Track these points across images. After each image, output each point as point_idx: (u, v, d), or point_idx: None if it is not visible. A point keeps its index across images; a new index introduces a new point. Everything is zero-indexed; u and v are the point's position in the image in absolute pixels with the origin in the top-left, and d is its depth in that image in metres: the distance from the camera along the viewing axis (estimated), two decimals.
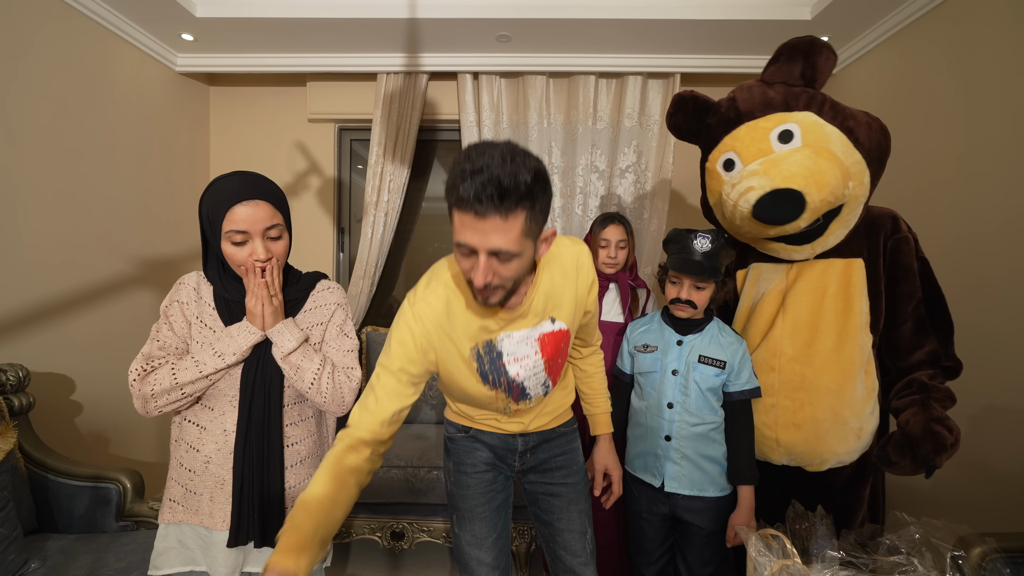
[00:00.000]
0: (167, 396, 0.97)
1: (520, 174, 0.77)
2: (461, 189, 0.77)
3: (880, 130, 1.30)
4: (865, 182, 1.27)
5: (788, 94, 1.30)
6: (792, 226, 1.23)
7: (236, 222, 0.96)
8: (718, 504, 1.36)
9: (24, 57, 1.80)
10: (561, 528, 1.23)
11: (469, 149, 0.80)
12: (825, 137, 1.24)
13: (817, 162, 1.18)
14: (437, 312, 0.99)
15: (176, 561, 1.05)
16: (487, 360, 1.05)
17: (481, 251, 0.82)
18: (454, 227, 0.84)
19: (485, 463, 1.23)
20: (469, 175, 0.77)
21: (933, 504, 1.90)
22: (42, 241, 1.87)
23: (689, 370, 1.35)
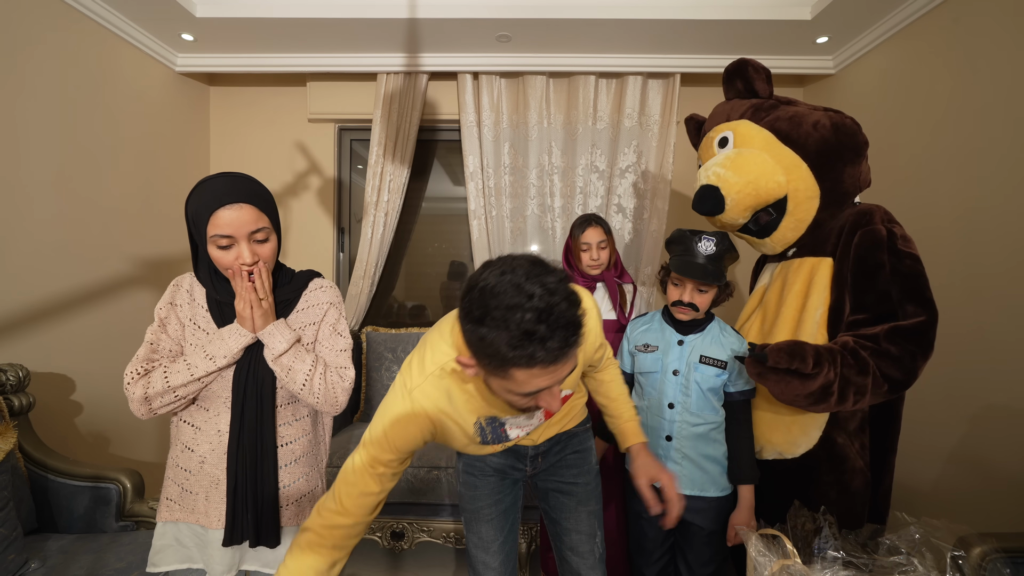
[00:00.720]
0: (161, 399, 0.97)
1: (571, 296, 0.71)
2: (540, 353, 0.69)
3: (831, 127, 1.34)
4: (804, 176, 1.34)
5: (733, 107, 1.50)
6: (728, 218, 1.39)
7: (220, 226, 0.95)
8: (719, 504, 1.36)
9: (24, 57, 1.80)
10: (568, 528, 1.21)
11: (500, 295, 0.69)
12: (751, 137, 1.40)
13: (736, 159, 1.36)
14: (436, 401, 0.93)
15: (174, 559, 1.05)
16: (489, 430, 1.03)
17: (555, 385, 0.77)
18: (512, 380, 0.74)
19: (495, 467, 1.21)
20: (539, 331, 0.68)
21: (933, 504, 1.90)
22: (42, 241, 1.87)
23: (690, 370, 1.35)
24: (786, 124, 1.37)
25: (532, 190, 2.66)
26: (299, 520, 1.08)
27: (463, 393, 0.94)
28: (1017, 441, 1.60)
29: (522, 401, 0.80)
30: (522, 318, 0.67)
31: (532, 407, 0.82)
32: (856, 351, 1.20)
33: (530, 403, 0.80)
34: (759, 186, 1.33)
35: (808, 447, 1.33)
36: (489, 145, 2.63)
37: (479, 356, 0.75)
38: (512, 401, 0.81)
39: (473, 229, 2.66)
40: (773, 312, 1.42)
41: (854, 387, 1.18)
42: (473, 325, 0.72)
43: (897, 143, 2.09)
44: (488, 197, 2.64)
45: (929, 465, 1.92)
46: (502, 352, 0.70)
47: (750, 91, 1.49)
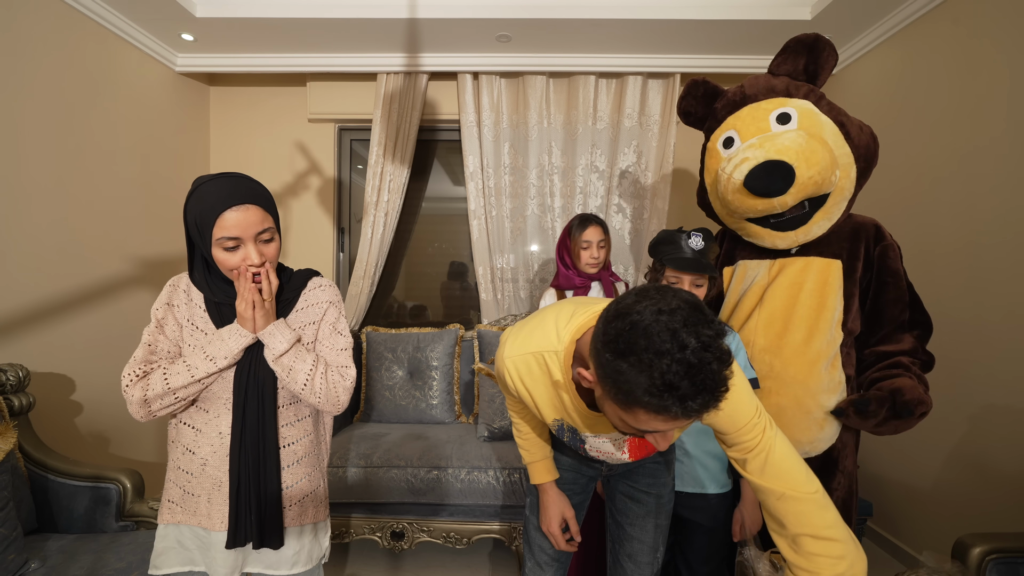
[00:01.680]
0: (160, 401, 0.96)
1: (724, 356, 0.65)
2: (676, 409, 0.64)
3: (870, 134, 1.37)
4: (851, 176, 1.35)
5: (790, 84, 1.40)
6: (780, 202, 1.29)
7: (227, 228, 0.94)
8: (718, 501, 1.36)
9: (24, 57, 1.80)
10: (632, 535, 1.18)
11: (652, 331, 0.64)
12: (819, 124, 1.33)
13: (810, 142, 1.27)
14: (524, 373, 0.95)
15: (175, 561, 1.05)
16: (568, 435, 1.02)
17: (673, 430, 0.73)
18: (632, 416, 0.70)
19: (570, 465, 1.23)
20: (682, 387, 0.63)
21: (933, 504, 1.90)
22: (42, 241, 1.87)
23: None
24: (847, 120, 1.34)
25: (532, 190, 2.66)
26: (302, 520, 1.08)
27: (547, 390, 0.94)
28: (1017, 441, 1.60)
29: (632, 431, 0.76)
30: (669, 368, 0.63)
31: (638, 434, 0.77)
32: (922, 376, 1.33)
33: (639, 434, 0.76)
34: (823, 177, 1.27)
35: (832, 441, 1.38)
36: (489, 145, 2.63)
37: (607, 384, 0.70)
38: (622, 428, 0.76)
39: (473, 229, 2.66)
40: (783, 311, 1.40)
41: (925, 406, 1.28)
42: (613, 356, 0.68)
43: (897, 143, 2.09)
44: (488, 197, 2.64)
45: (929, 465, 1.92)
46: (636, 394, 0.66)
47: (811, 75, 1.39)
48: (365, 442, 2.14)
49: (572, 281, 1.80)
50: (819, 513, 0.78)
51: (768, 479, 0.81)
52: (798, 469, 0.81)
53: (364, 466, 2.02)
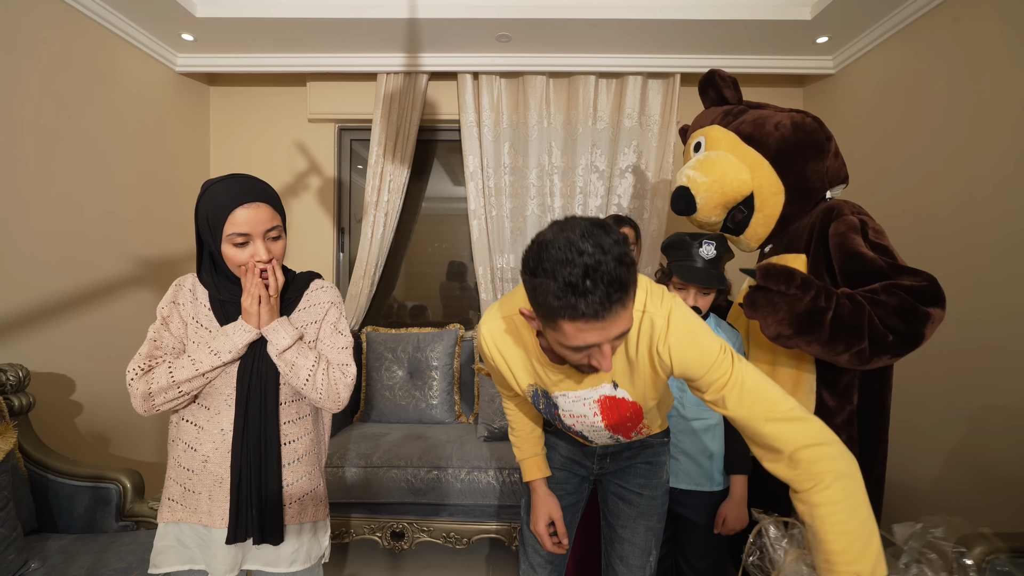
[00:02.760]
0: (164, 395, 0.98)
1: (622, 258, 0.71)
2: (582, 305, 0.70)
3: (790, 127, 1.42)
4: (766, 173, 1.43)
5: (706, 115, 1.63)
6: (702, 216, 1.49)
7: (238, 225, 0.98)
8: (715, 499, 1.37)
9: (24, 57, 1.80)
10: (623, 537, 1.18)
11: (556, 247, 0.72)
12: (719, 140, 1.51)
13: (704, 161, 1.48)
14: (498, 338, 1.01)
15: (175, 560, 1.05)
16: (543, 402, 1.05)
17: (605, 344, 0.77)
18: (562, 333, 0.76)
19: (562, 464, 1.23)
20: (583, 288, 0.69)
21: (933, 504, 1.90)
22: (42, 241, 1.87)
23: None
24: (749, 126, 1.48)
25: (532, 190, 2.66)
26: (301, 519, 1.08)
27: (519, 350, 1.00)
28: (1017, 441, 1.60)
29: (575, 356, 0.81)
30: (570, 272, 0.70)
31: (586, 365, 0.82)
32: (853, 296, 1.19)
33: (584, 360, 0.81)
34: (724, 183, 1.43)
35: None
36: (489, 145, 2.63)
37: (534, 306, 0.78)
38: (566, 356, 0.82)
39: (473, 229, 2.66)
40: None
41: (847, 327, 1.15)
42: (528, 276, 0.76)
43: (897, 143, 2.09)
44: (488, 197, 2.64)
45: (929, 465, 1.92)
46: (550, 302, 0.73)
47: (721, 99, 1.62)
48: (365, 442, 2.14)
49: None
50: (805, 425, 0.81)
51: (749, 407, 0.83)
52: (773, 390, 0.84)
53: (364, 466, 2.02)
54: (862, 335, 1.16)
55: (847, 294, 1.20)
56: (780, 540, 0.93)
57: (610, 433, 1.07)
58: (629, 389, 0.98)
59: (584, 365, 0.83)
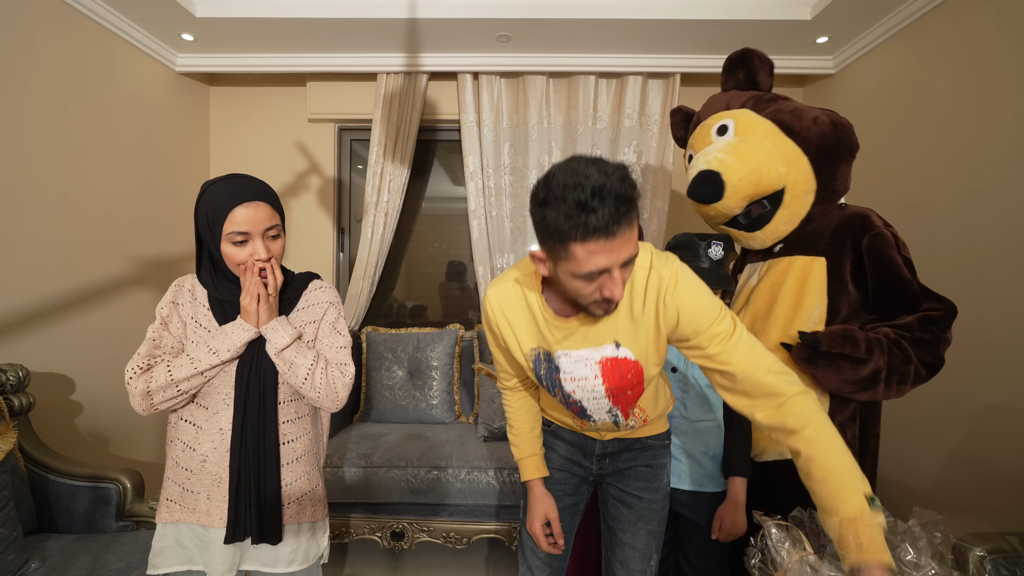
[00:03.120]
0: (163, 393, 0.98)
1: (626, 178, 0.76)
2: (592, 220, 0.74)
3: (830, 124, 1.37)
4: (803, 169, 1.35)
5: (732, 97, 1.49)
6: (724, 207, 1.37)
7: (237, 223, 0.99)
8: (717, 500, 1.36)
9: (24, 57, 1.80)
10: (624, 541, 1.17)
11: (563, 174, 0.77)
12: (753, 126, 1.39)
13: (738, 146, 1.35)
14: (503, 300, 1.04)
15: (174, 560, 1.05)
16: (544, 367, 1.04)
17: (615, 268, 0.81)
18: (574, 261, 0.79)
19: (560, 464, 1.22)
20: (592, 205, 0.74)
21: (933, 504, 1.90)
22: (42, 241, 1.87)
23: (689, 367, 1.36)
24: (788, 116, 1.38)
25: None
26: (300, 519, 1.08)
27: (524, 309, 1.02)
28: (1017, 441, 1.60)
29: (588, 289, 0.83)
30: (578, 195, 0.74)
31: (600, 302, 0.85)
32: (899, 342, 1.24)
33: (595, 294, 0.84)
34: (761, 175, 1.33)
35: None
36: (489, 145, 2.63)
37: (545, 239, 0.82)
38: (579, 292, 0.85)
39: (473, 229, 2.66)
40: (764, 311, 1.41)
41: (898, 376, 1.24)
42: (538, 207, 0.80)
43: (897, 143, 2.09)
44: (488, 197, 2.64)
45: (929, 465, 1.92)
46: (560, 226, 0.77)
47: (751, 82, 1.48)
48: (365, 442, 2.14)
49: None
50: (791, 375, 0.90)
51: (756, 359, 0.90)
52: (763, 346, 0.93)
53: (364, 466, 2.02)
54: (907, 380, 1.25)
55: (893, 340, 1.25)
56: (783, 542, 0.94)
57: (610, 404, 1.05)
58: (632, 347, 0.98)
59: (597, 303, 0.86)
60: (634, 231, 0.80)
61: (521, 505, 1.27)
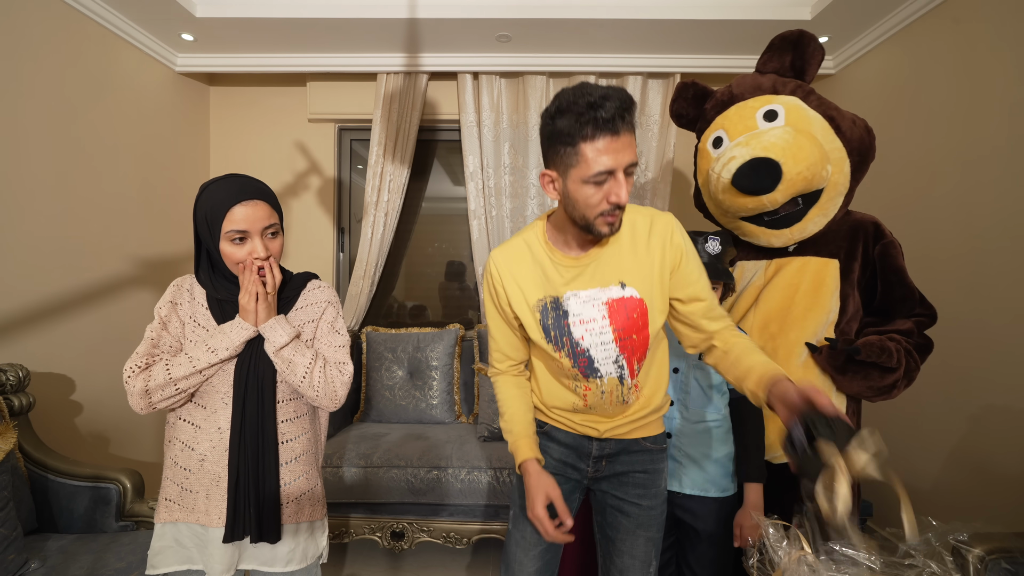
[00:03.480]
0: (161, 392, 0.98)
1: (629, 95, 0.88)
2: (601, 112, 0.85)
3: (864, 127, 1.36)
4: (845, 171, 1.33)
5: (777, 81, 1.40)
6: (769, 199, 1.28)
7: (236, 221, 0.99)
8: (720, 505, 1.35)
9: (24, 57, 1.80)
10: (622, 550, 1.14)
11: (570, 93, 0.89)
12: (807, 120, 1.32)
13: (797, 138, 1.26)
14: (509, 257, 1.08)
15: (173, 560, 1.05)
16: (551, 316, 1.05)
17: (619, 170, 0.89)
18: (583, 163, 0.89)
19: (554, 467, 1.17)
20: (601, 102, 0.85)
21: (933, 504, 1.90)
22: (42, 241, 1.87)
23: (689, 367, 1.35)
24: (836, 113, 1.33)
25: (532, 190, 2.65)
26: (298, 518, 1.08)
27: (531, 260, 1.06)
28: (1017, 441, 1.60)
29: (595, 197, 0.91)
30: (590, 100, 0.86)
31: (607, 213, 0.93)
32: (911, 351, 1.30)
33: (603, 203, 0.92)
34: (814, 172, 1.25)
35: None
36: (489, 145, 2.63)
37: (556, 149, 0.92)
38: (588, 199, 0.92)
39: (473, 229, 2.66)
40: (779, 311, 1.40)
41: (907, 381, 1.30)
42: (550, 120, 0.91)
43: (897, 143, 2.09)
44: (488, 197, 2.64)
45: (929, 465, 1.92)
46: (571, 128, 0.87)
47: (798, 71, 1.39)
48: (365, 442, 2.14)
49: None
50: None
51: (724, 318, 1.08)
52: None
53: (364, 466, 2.02)
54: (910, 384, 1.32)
55: (907, 350, 1.30)
56: (780, 541, 0.93)
57: (617, 352, 1.04)
58: (637, 285, 1.03)
59: (604, 215, 0.93)
60: (634, 140, 0.91)
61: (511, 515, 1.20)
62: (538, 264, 1.06)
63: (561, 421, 1.17)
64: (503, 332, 1.14)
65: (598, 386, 1.08)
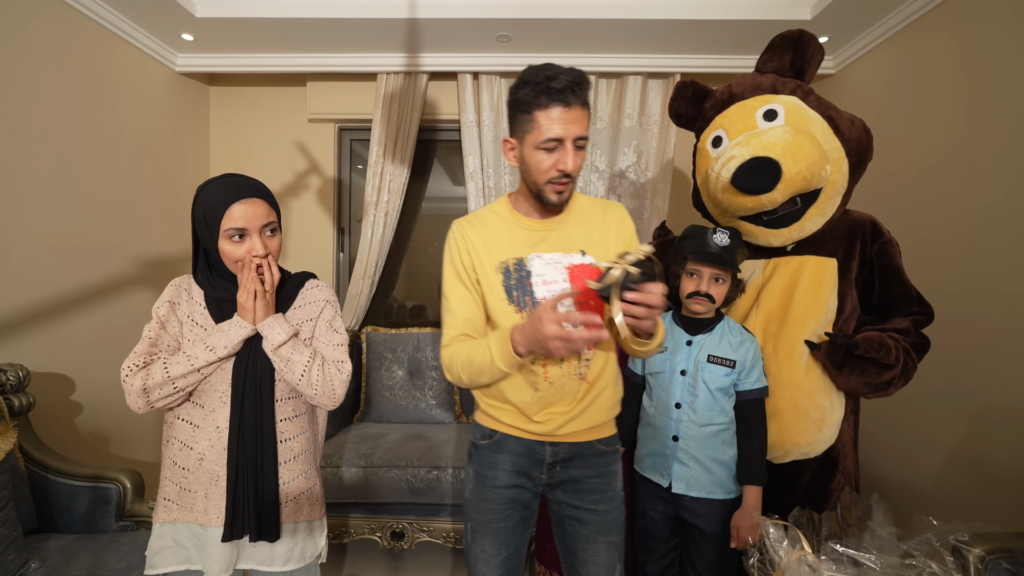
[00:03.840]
0: (159, 390, 0.99)
1: (585, 76, 0.99)
2: (555, 83, 0.95)
3: (862, 127, 1.36)
4: (843, 171, 1.34)
5: (777, 81, 1.40)
6: (769, 199, 1.28)
7: (235, 219, 1.00)
8: (725, 507, 1.35)
9: (24, 57, 1.80)
10: (585, 559, 1.12)
11: (532, 68, 0.99)
12: (807, 120, 1.32)
13: (797, 137, 1.26)
14: (475, 223, 1.14)
15: (172, 560, 1.05)
16: (515, 276, 1.08)
17: (568, 139, 0.98)
18: (536, 129, 0.99)
19: (507, 480, 1.13)
20: (557, 75, 0.95)
21: (933, 504, 1.90)
22: (42, 241, 1.87)
23: (698, 370, 1.35)
24: (835, 113, 1.34)
25: None
26: (296, 517, 1.08)
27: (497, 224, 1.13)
28: (1017, 441, 1.60)
29: (547, 163, 1.00)
30: (544, 72, 0.97)
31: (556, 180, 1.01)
32: (908, 349, 1.31)
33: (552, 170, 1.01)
34: (813, 172, 1.26)
35: (831, 442, 1.37)
36: (489, 145, 2.63)
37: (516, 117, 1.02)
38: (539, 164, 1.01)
39: None
40: (779, 310, 1.40)
41: (904, 379, 1.32)
42: (514, 92, 1.02)
43: (897, 143, 2.09)
44: (488, 197, 2.64)
45: (929, 465, 1.92)
46: (528, 97, 0.98)
47: (798, 71, 1.39)
48: (365, 442, 2.14)
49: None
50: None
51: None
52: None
53: (364, 466, 2.02)
54: (907, 382, 1.33)
55: (905, 348, 1.31)
56: (780, 541, 0.94)
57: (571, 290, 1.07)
58: (596, 255, 1.10)
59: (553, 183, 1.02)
60: (586, 116, 1.01)
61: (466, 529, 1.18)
62: (506, 226, 1.12)
63: (514, 426, 1.12)
64: (463, 300, 1.11)
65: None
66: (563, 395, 1.09)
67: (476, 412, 1.21)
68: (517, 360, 0.95)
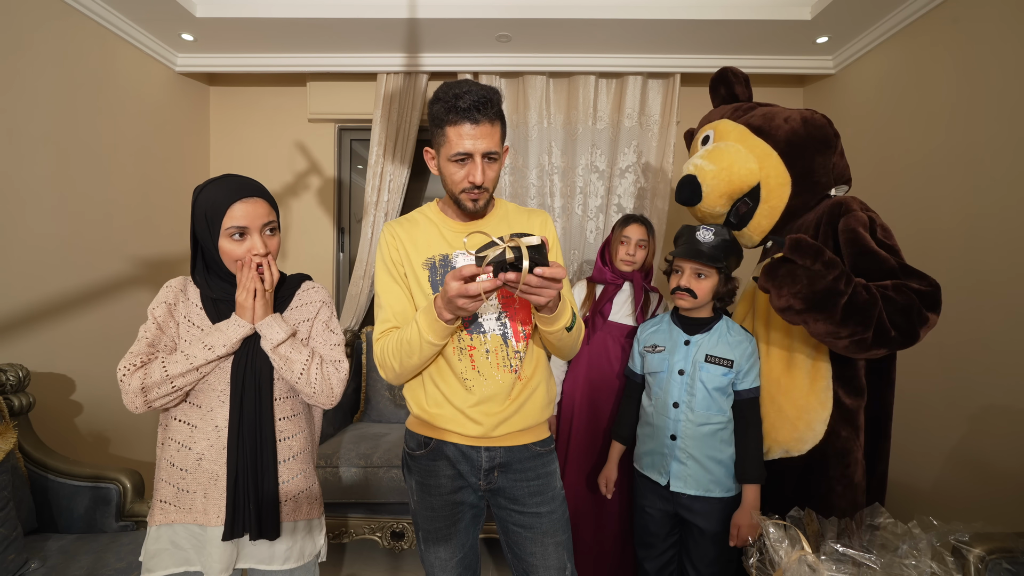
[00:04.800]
0: (157, 390, 0.98)
1: (494, 93, 1.03)
2: (461, 102, 0.99)
3: (800, 120, 1.42)
4: (775, 164, 1.41)
5: (716, 111, 1.63)
6: (706, 206, 1.47)
7: (236, 218, 1.01)
8: (723, 505, 1.36)
9: (24, 57, 1.80)
10: (535, 564, 1.11)
11: (445, 85, 1.03)
12: (727, 132, 1.51)
13: (713, 149, 1.48)
14: (404, 224, 1.18)
15: (170, 562, 1.05)
16: (440, 272, 1.12)
17: (477, 154, 1.03)
18: (448, 144, 1.04)
19: (451, 485, 1.14)
20: (464, 94, 1.00)
21: (933, 504, 1.90)
22: (42, 241, 1.87)
23: (696, 370, 1.36)
24: (759, 119, 1.48)
25: (532, 190, 2.66)
26: (295, 516, 1.09)
27: (424, 224, 1.17)
28: (1017, 441, 1.60)
29: (458, 175, 1.06)
30: (455, 91, 1.01)
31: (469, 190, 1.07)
32: (868, 286, 1.17)
33: (464, 181, 1.06)
34: (732, 172, 1.42)
35: (814, 443, 1.33)
36: None
37: (433, 132, 1.08)
38: (452, 175, 1.07)
39: None
40: (764, 311, 1.43)
41: (857, 316, 1.14)
42: (431, 107, 1.06)
43: (897, 143, 2.09)
44: None
45: (929, 465, 1.92)
46: (440, 114, 1.03)
47: (731, 96, 1.64)
48: (365, 442, 2.14)
49: (604, 276, 1.82)
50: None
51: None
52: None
53: (364, 466, 2.02)
54: (869, 325, 1.15)
55: (863, 284, 1.18)
56: (780, 541, 0.94)
57: (499, 308, 1.11)
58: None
59: (467, 192, 1.07)
60: (496, 132, 1.05)
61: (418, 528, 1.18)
62: (435, 227, 1.17)
63: (450, 430, 1.11)
64: (394, 295, 1.14)
65: (482, 343, 1.09)
66: (497, 391, 1.09)
67: (409, 420, 1.21)
68: (442, 325, 0.98)
